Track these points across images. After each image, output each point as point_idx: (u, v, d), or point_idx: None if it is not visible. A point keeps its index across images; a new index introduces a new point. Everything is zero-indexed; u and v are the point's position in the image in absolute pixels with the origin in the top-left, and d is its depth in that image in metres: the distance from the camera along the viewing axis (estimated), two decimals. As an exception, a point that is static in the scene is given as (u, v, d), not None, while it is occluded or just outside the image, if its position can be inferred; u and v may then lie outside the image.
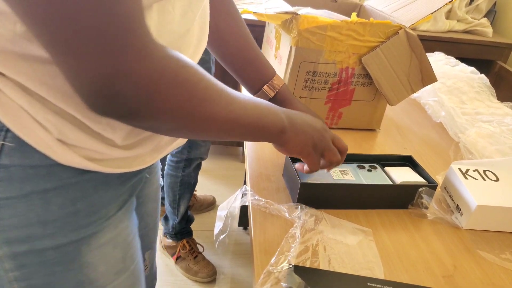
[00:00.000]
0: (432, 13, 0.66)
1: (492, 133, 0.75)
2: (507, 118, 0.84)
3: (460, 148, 0.71)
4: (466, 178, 0.57)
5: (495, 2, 1.68)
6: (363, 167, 0.59)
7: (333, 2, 0.85)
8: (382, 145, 0.75)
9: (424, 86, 0.71)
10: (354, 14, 0.68)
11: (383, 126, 0.79)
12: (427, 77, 0.70)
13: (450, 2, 0.64)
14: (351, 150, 0.70)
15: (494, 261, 0.50)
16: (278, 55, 0.75)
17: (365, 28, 0.66)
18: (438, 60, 1.09)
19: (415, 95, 0.91)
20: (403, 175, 0.58)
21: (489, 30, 1.61)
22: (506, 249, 0.53)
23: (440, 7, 0.66)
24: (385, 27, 0.67)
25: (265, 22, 0.85)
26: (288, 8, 0.67)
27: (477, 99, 0.91)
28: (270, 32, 0.81)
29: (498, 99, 0.95)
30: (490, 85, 0.96)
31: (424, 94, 0.87)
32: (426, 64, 0.69)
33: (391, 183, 0.56)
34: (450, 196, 0.58)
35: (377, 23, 0.67)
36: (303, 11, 0.76)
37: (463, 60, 1.12)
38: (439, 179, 0.64)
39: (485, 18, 1.65)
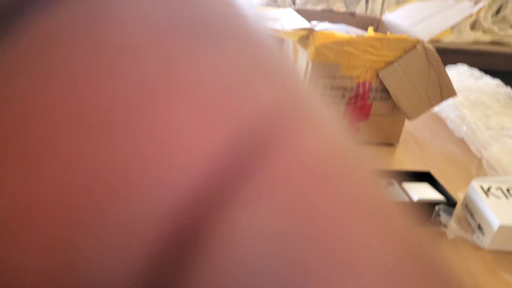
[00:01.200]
0: (450, 27, 0.65)
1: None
2: (534, 133, 0.81)
3: (483, 164, 0.69)
4: (488, 197, 0.55)
5: (523, 12, 1.63)
6: (380, 184, 0.58)
7: (351, 17, 0.85)
8: (401, 160, 0.73)
9: (443, 100, 0.69)
10: (370, 29, 0.68)
11: (403, 141, 0.78)
12: (446, 91, 0.68)
13: (469, 16, 0.63)
14: (368, 166, 0.69)
15: (518, 284, 0.48)
16: (295, 70, 0.75)
17: (382, 43, 0.66)
18: (461, 73, 1.06)
19: (436, 109, 0.89)
20: (421, 192, 0.56)
21: (516, 41, 1.57)
22: (531, 271, 0.50)
23: (459, 21, 0.64)
24: (402, 41, 0.66)
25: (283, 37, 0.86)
26: (305, 24, 0.68)
27: (503, 114, 0.89)
28: (288, 47, 0.82)
29: (525, 113, 0.92)
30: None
31: (446, 109, 0.86)
32: (445, 78, 0.68)
33: (408, 200, 0.55)
34: (471, 215, 0.56)
35: (394, 38, 0.66)
36: (321, 26, 0.76)
37: (490, 71, 1.09)
38: (460, 196, 0.63)
39: (512, 29, 1.61)
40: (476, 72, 1.07)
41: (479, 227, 0.54)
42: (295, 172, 0.06)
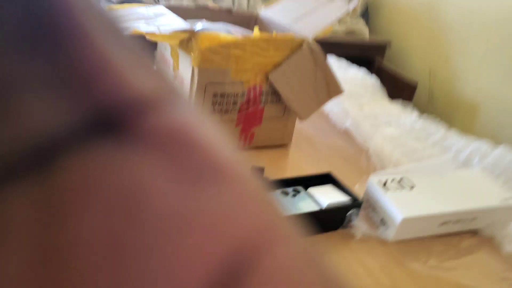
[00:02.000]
0: (331, 24, 0.66)
1: (394, 136, 0.79)
2: (401, 118, 0.89)
3: (370, 155, 0.72)
4: (386, 190, 0.57)
5: (367, 6, 1.82)
6: (287, 193, 0.56)
7: (229, 14, 0.81)
8: (296, 161, 0.73)
9: (330, 98, 0.70)
10: (256, 29, 0.64)
11: (294, 140, 0.77)
12: (333, 89, 0.69)
13: (346, 13, 0.64)
14: (266, 171, 0.66)
15: (423, 272, 0.51)
16: (178, 76, 0.67)
17: (269, 44, 0.63)
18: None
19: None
20: (327, 196, 0.56)
21: (366, 31, 1.74)
22: (431, 255, 0.54)
23: (338, 18, 0.65)
24: (288, 41, 0.64)
25: (157, 38, 0.76)
26: (184, 24, 0.60)
27: (373, 101, 0.96)
28: (164, 50, 0.73)
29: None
30: (381, 85, 1.02)
31: (328, 103, 0.88)
32: (331, 76, 0.69)
33: (317, 207, 0.54)
34: (373, 210, 0.58)
35: (280, 38, 0.64)
36: (199, 26, 0.70)
37: (347, 60, 1.17)
38: (357, 189, 0.64)
39: (362, 20, 1.78)
40: (343, 63, 1.14)
41: (382, 221, 0.56)
42: (276, 276, 0.08)
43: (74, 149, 0.07)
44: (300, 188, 0.57)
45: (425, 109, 1.26)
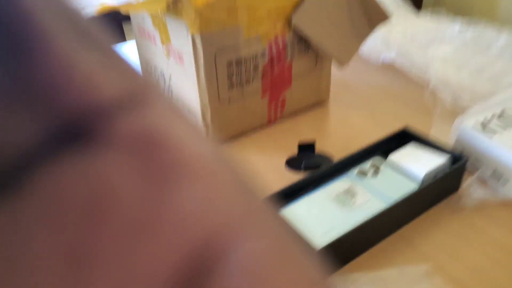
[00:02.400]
0: None
1: (450, 56, 0.63)
2: (444, 31, 0.73)
3: (434, 88, 0.57)
4: (491, 133, 0.42)
5: None
6: (365, 172, 0.42)
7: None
8: (341, 118, 0.58)
9: (373, 28, 0.54)
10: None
11: (332, 94, 0.62)
12: (375, 16, 0.53)
13: None
14: (312, 138, 0.51)
15: None
16: (172, 51, 0.50)
17: (282, -24, 0.46)
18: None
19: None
20: (418, 162, 0.41)
21: None
22: None
23: None
24: (306, -34, 0.47)
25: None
26: (163, -21, 0.42)
27: (402, 19, 0.79)
28: (141, 21, 0.56)
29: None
30: (403, -2, 0.84)
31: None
32: (369, 0, 0.52)
33: (412, 182, 0.39)
34: (477, 162, 0.44)
35: (294, -37, 0.46)
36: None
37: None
38: (435, 137, 0.50)
39: None
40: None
41: (495, 175, 0.42)
42: (245, 272, 0.08)
43: (42, 164, 0.07)
44: (377, 160, 0.43)
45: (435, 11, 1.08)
